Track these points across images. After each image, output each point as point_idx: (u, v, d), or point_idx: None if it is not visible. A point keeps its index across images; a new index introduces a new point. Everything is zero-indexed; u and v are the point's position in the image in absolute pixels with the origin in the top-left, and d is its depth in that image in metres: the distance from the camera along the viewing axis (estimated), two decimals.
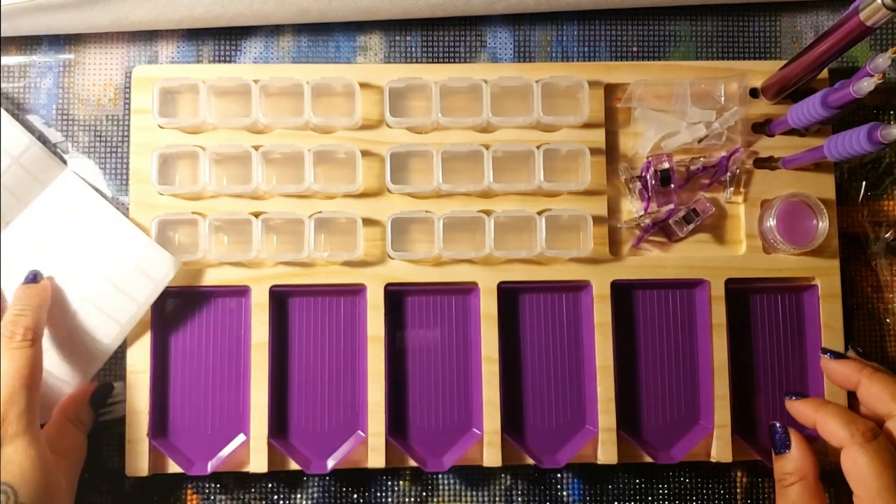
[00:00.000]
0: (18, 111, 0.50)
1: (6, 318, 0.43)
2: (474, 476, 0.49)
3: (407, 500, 0.49)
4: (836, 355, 0.46)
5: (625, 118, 0.49)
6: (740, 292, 0.49)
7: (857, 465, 0.40)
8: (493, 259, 0.47)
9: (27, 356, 0.41)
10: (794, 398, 0.45)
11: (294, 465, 0.46)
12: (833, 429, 0.42)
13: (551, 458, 0.47)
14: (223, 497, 0.48)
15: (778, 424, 0.44)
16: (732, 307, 0.48)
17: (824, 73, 0.48)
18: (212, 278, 0.47)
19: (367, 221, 0.47)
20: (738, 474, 0.49)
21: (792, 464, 0.43)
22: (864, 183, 0.51)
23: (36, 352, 0.42)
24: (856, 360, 0.45)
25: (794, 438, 0.43)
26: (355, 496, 0.48)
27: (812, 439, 0.44)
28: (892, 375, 0.43)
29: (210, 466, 0.46)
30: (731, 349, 0.47)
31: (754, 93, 0.49)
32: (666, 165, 0.47)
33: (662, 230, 0.48)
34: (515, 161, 0.48)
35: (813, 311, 0.48)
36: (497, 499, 0.49)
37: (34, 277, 0.46)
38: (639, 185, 0.48)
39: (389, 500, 0.49)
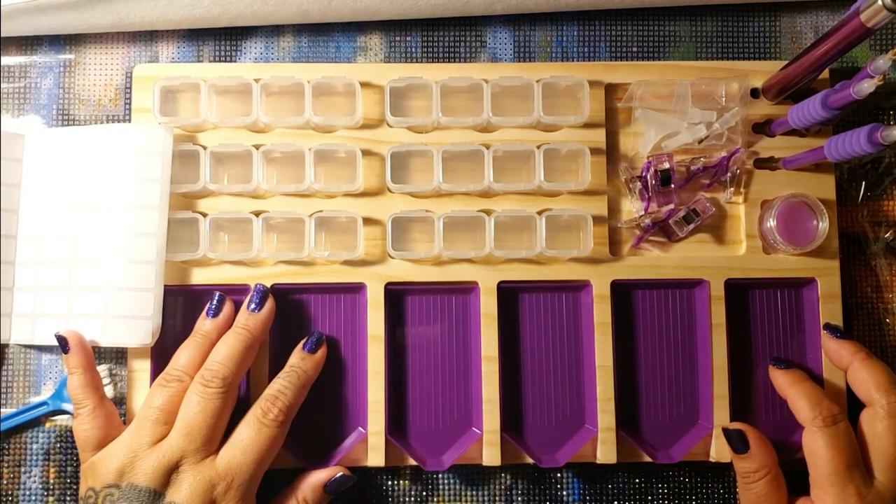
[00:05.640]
0: (19, 111, 0.50)
1: (268, 392, 0.43)
2: (474, 475, 0.49)
3: (407, 499, 0.49)
4: (836, 334, 0.46)
5: (625, 118, 0.49)
6: (740, 292, 0.49)
7: (814, 447, 0.42)
8: (493, 259, 0.47)
9: (271, 436, 0.42)
10: (778, 366, 0.46)
11: (295, 464, 0.46)
12: (800, 407, 0.43)
13: (551, 457, 0.47)
14: None
15: (731, 429, 0.45)
16: (732, 307, 0.48)
17: (825, 74, 0.48)
18: (212, 277, 0.47)
19: (368, 221, 0.47)
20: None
21: (755, 462, 0.43)
22: (863, 183, 0.51)
23: (281, 433, 0.43)
24: (853, 343, 0.46)
25: (752, 437, 0.44)
26: (355, 495, 0.48)
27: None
28: (884, 365, 0.44)
29: None
30: (730, 349, 0.47)
31: (755, 93, 0.49)
32: (666, 165, 0.47)
33: (662, 230, 0.49)
34: (516, 161, 0.48)
35: (813, 311, 0.48)
36: (497, 498, 0.49)
37: (316, 343, 0.46)
38: (639, 185, 0.48)
39: (389, 499, 0.49)
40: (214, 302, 0.45)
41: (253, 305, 0.45)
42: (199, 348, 0.44)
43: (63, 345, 0.44)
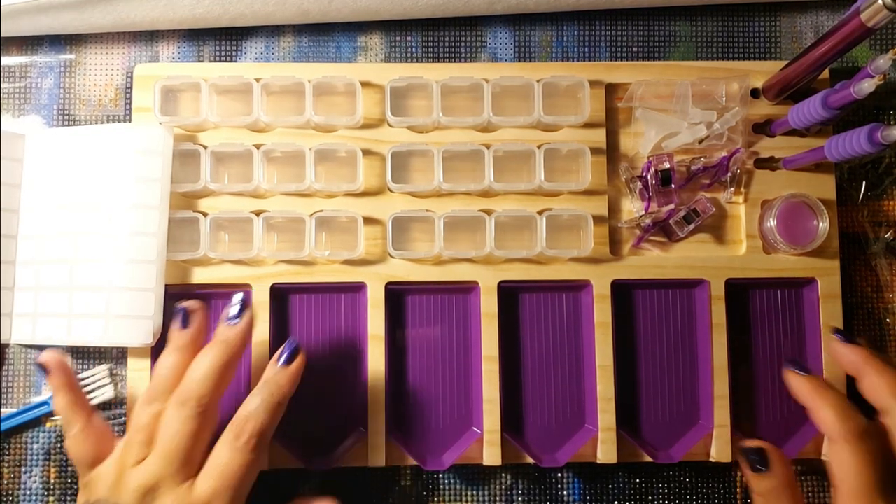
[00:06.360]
0: (19, 111, 0.50)
1: (241, 412, 0.40)
2: (474, 475, 0.49)
3: (407, 499, 0.49)
4: (846, 339, 0.44)
5: (625, 118, 0.49)
6: (740, 292, 0.49)
7: (842, 461, 0.40)
8: (494, 258, 0.47)
9: (245, 463, 0.39)
10: (795, 370, 0.44)
11: (295, 464, 0.46)
12: (826, 418, 0.41)
13: (551, 457, 0.47)
14: None
15: (750, 448, 0.43)
16: (732, 307, 0.48)
17: (825, 74, 0.48)
18: (212, 276, 0.47)
19: (368, 220, 0.47)
20: (738, 474, 0.49)
21: (774, 480, 0.42)
22: (864, 183, 0.51)
23: (256, 458, 0.40)
24: (864, 349, 0.44)
25: (772, 455, 0.42)
26: (355, 495, 0.48)
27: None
28: None
29: None
30: (730, 349, 0.47)
31: (755, 93, 0.49)
32: (666, 165, 0.47)
33: (663, 230, 0.49)
34: (516, 160, 0.48)
35: (813, 311, 0.48)
36: (497, 498, 0.49)
37: (291, 354, 0.42)
38: (639, 184, 0.48)
39: (389, 499, 0.49)
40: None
41: (231, 317, 0.42)
42: (183, 363, 0.42)
43: (43, 370, 0.43)
